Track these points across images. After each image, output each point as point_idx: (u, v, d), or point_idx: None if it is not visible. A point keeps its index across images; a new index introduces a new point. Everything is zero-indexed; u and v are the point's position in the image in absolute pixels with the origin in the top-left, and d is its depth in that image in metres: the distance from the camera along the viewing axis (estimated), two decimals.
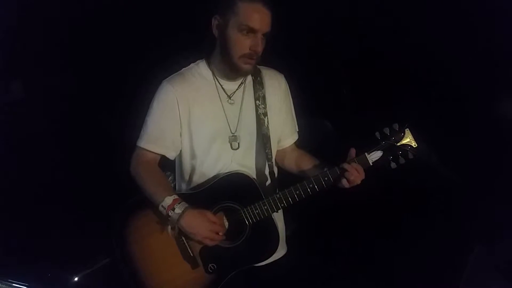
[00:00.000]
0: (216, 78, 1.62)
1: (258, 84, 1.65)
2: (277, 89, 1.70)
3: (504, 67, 2.05)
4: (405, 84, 2.38)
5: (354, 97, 2.71)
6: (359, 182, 1.51)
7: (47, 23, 2.29)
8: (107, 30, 2.38)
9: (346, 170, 1.49)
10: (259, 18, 1.46)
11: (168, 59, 1.77)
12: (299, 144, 1.81)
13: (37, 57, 2.34)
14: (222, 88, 1.62)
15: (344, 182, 1.50)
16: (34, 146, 2.38)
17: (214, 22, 1.53)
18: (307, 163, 1.70)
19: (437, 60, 2.26)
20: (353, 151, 1.53)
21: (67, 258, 2.20)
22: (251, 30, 1.46)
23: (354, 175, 1.49)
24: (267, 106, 1.65)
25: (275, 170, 1.72)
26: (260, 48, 1.50)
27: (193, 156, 1.63)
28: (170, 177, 1.77)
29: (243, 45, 1.48)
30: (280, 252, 1.71)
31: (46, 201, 2.34)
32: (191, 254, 1.59)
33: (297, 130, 1.80)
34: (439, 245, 2.24)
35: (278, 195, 1.55)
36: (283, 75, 1.75)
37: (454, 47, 2.18)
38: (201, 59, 1.66)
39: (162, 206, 1.49)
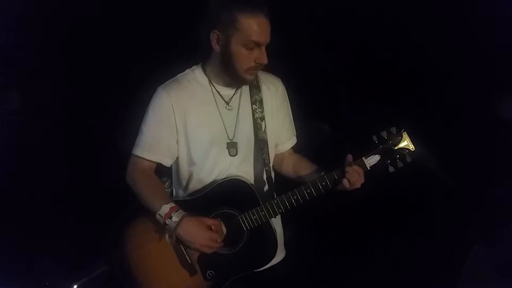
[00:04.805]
0: (212, 84, 1.60)
1: (255, 88, 1.63)
2: (274, 92, 1.68)
3: (502, 69, 2.04)
4: (402, 87, 2.37)
5: (351, 100, 2.70)
6: (359, 185, 1.49)
7: (42, 30, 2.28)
8: (102, 38, 2.38)
9: (347, 172, 1.47)
10: (263, 32, 1.44)
11: (163, 65, 1.75)
12: (296, 148, 1.79)
13: (32, 65, 2.33)
14: (219, 94, 1.60)
15: (346, 182, 1.47)
16: (31, 154, 2.37)
17: (214, 36, 1.48)
18: (305, 168, 1.68)
19: (434, 62, 2.25)
20: (350, 157, 1.51)
21: (66, 266, 2.19)
22: (257, 44, 1.45)
23: (355, 176, 1.47)
24: (264, 110, 1.63)
25: (273, 175, 1.71)
26: (266, 59, 1.49)
27: (190, 162, 1.62)
28: (167, 182, 1.75)
29: (248, 59, 1.48)
30: (279, 256, 1.69)
31: (44, 209, 2.33)
32: (189, 261, 1.58)
33: (295, 134, 1.78)
34: (437, 246, 2.24)
35: (275, 201, 1.54)
36: (280, 79, 1.73)
37: (452, 49, 2.17)
38: (196, 64, 1.64)
39: (159, 214, 1.48)
